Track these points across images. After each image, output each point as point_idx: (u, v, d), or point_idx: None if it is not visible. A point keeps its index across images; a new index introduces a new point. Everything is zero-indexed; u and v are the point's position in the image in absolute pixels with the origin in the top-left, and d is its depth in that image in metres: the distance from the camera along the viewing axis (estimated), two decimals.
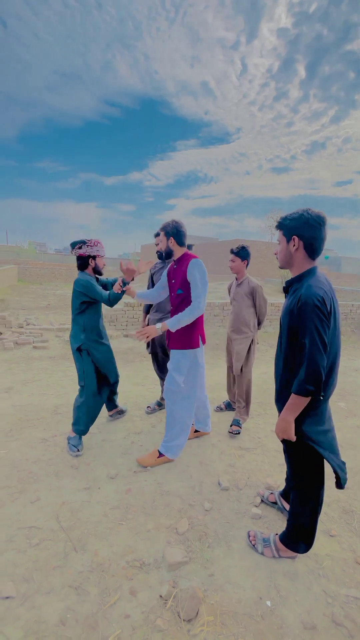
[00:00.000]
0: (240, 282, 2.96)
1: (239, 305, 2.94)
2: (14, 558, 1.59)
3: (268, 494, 2.06)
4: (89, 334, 2.48)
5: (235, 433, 2.84)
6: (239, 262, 2.88)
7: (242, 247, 2.85)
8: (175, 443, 2.36)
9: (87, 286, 2.37)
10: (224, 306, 7.62)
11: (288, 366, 1.49)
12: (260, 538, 1.76)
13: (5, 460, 2.31)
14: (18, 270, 17.40)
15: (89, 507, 1.94)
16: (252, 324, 2.92)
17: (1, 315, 6.07)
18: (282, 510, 1.99)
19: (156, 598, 1.46)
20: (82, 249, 2.45)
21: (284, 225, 1.46)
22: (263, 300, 2.91)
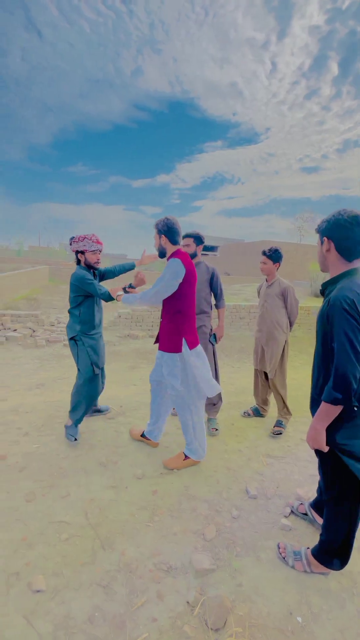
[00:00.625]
0: (270, 283, 2.94)
1: (270, 306, 2.90)
2: (44, 551, 1.63)
3: (298, 505, 1.99)
4: (84, 326, 2.58)
5: (277, 434, 2.86)
6: (270, 265, 2.85)
7: (274, 250, 2.82)
8: (195, 445, 2.33)
9: (82, 280, 2.45)
10: (250, 309, 7.50)
11: (322, 372, 1.44)
12: (291, 551, 1.69)
13: (37, 455, 2.39)
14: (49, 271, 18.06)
15: (116, 506, 1.95)
16: (285, 325, 2.89)
17: (34, 314, 6.30)
18: (312, 522, 1.91)
19: (183, 604, 1.44)
20: (72, 245, 2.55)
21: (319, 227, 1.46)
22: (295, 301, 2.87)
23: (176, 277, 2.06)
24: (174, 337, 2.18)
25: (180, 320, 2.18)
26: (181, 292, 2.12)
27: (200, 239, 2.84)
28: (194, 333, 2.27)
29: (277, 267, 2.87)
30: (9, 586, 1.45)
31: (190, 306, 2.20)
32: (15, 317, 6.26)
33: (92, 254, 2.57)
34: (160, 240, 2.20)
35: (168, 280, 2.06)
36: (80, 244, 2.52)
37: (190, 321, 2.23)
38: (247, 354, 5.67)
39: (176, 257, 2.09)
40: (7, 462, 2.28)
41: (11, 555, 1.60)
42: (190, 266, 2.14)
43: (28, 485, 2.07)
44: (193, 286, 2.19)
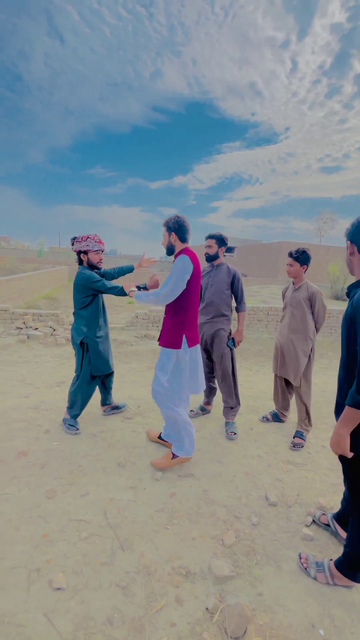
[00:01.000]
0: (298, 287, 2.82)
1: (295, 311, 2.78)
2: (65, 549, 1.65)
3: (320, 515, 1.93)
4: (90, 328, 2.60)
5: (297, 446, 2.71)
6: (297, 267, 2.73)
7: (302, 252, 2.70)
8: (181, 442, 2.31)
9: (88, 279, 2.48)
10: (268, 311, 7.39)
11: (347, 377, 1.40)
12: (313, 561, 1.65)
13: (57, 452, 2.43)
14: (68, 271, 18.42)
15: (134, 507, 1.96)
16: (312, 332, 2.75)
17: (54, 313, 6.44)
18: (335, 534, 1.85)
19: (202, 610, 1.42)
20: (74, 246, 2.56)
21: (346, 231, 1.46)
22: (322, 306, 2.74)
23: (185, 273, 2.07)
24: (175, 332, 2.18)
25: (183, 316, 2.18)
26: (187, 289, 2.12)
27: (223, 240, 2.81)
28: (195, 330, 2.28)
29: (304, 269, 2.74)
30: (30, 582, 1.48)
31: (193, 303, 2.20)
32: (36, 315, 6.41)
33: (95, 254, 2.59)
34: (170, 238, 2.19)
35: (178, 277, 2.06)
36: (83, 244, 2.55)
37: (192, 317, 2.23)
38: (265, 357, 5.59)
39: (184, 254, 2.11)
40: (29, 459, 2.33)
41: (32, 550, 1.63)
42: (197, 263, 2.15)
43: (49, 482, 2.10)
44: (198, 283, 2.19)
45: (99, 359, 2.66)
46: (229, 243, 2.88)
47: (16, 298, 8.69)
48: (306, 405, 2.81)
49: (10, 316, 6.22)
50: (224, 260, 2.89)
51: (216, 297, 2.83)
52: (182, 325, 2.19)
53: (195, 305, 2.23)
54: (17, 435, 2.61)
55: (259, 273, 30.22)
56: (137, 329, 6.74)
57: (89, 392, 2.74)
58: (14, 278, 8.83)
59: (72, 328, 2.66)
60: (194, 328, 2.26)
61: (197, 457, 2.51)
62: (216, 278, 2.84)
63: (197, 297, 2.22)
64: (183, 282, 2.07)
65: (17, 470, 2.19)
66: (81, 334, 2.59)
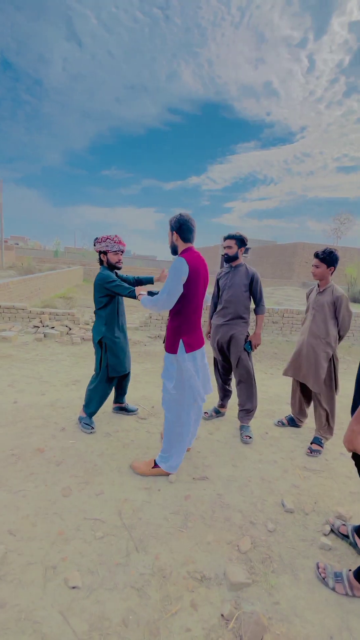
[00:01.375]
0: (322, 289, 2.70)
1: (318, 315, 2.67)
2: (80, 547, 1.66)
3: (339, 525, 1.88)
4: (109, 328, 2.62)
5: (316, 452, 2.63)
6: (323, 269, 2.61)
7: (329, 252, 2.55)
8: (168, 454, 2.20)
9: (105, 280, 2.49)
10: (283, 313, 7.28)
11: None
12: (331, 572, 1.60)
13: (73, 450, 2.45)
14: (83, 271, 18.67)
15: (149, 508, 1.95)
16: (333, 338, 2.63)
17: (70, 312, 6.53)
18: (354, 546, 1.79)
19: (217, 616, 1.40)
20: (95, 246, 2.61)
21: None
22: (347, 312, 2.61)
23: (180, 276, 1.97)
24: (173, 337, 2.11)
25: (180, 320, 2.10)
26: (184, 292, 2.02)
27: (243, 241, 2.77)
28: (195, 335, 2.16)
29: (331, 271, 2.60)
30: (47, 579, 1.49)
31: (191, 307, 2.09)
32: (53, 314, 6.51)
33: (114, 255, 2.62)
34: (172, 237, 2.11)
35: (173, 281, 1.98)
36: (103, 245, 2.58)
37: (190, 322, 2.12)
38: (281, 361, 5.50)
39: (181, 256, 2.02)
40: (45, 456, 2.36)
41: (49, 547, 1.64)
42: (196, 265, 2.03)
43: (64, 480, 2.12)
44: (198, 286, 2.07)
45: (115, 359, 2.68)
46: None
47: (33, 297, 8.86)
48: (328, 412, 2.71)
49: (28, 315, 6.35)
50: (243, 261, 2.86)
51: (234, 298, 2.79)
52: (179, 330, 2.10)
53: (195, 309, 2.12)
54: (33, 432, 2.65)
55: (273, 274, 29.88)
56: (150, 329, 6.76)
57: (106, 392, 2.75)
58: (32, 278, 9.01)
59: (93, 327, 2.71)
60: (193, 333, 2.14)
61: (212, 460, 2.49)
62: (234, 279, 2.81)
63: (196, 301, 2.10)
64: (179, 286, 1.99)
65: (34, 467, 2.22)
66: (100, 334, 2.62)
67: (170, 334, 2.13)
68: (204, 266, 2.13)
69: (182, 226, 2.06)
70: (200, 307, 2.16)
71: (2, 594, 1.41)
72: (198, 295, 2.10)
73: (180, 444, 2.20)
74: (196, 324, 2.17)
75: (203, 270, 2.11)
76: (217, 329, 2.89)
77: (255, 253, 33.94)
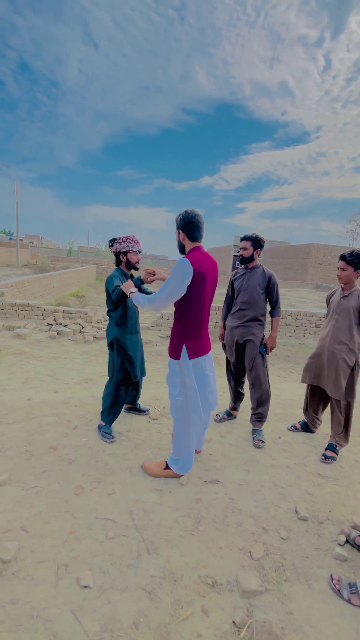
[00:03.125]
0: (348, 293, 2.57)
1: (342, 320, 2.56)
2: (92, 547, 1.66)
3: (355, 536, 1.83)
4: (121, 329, 2.59)
5: (330, 459, 2.58)
6: (350, 272, 2.47)
7: (358, 255, 2.42)
8: (179, 457, 2.18)
9: (109, 280, 2.48)
10: (297, 315, 7.18)
11: None
12: (346, 583, 1.56)
13: (85, 449, 2.46)
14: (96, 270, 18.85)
15: (160, 510, 1.94)
16: (357, 345, 2.53)
17: (83, 311, 6.59)
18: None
19: (229, 623, 1.38)
20: (114, 246, 2.58)
21: None
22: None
23: (183, 279, 1.87)
24: (175, 341, 2.04)
25: (183, 324, 2.02)
26: (187, 295, 1.94)
27: (259, 242, 2.72)
28: (200, 341, 2.06)
29: (358, 275, 2.47)
30: (59, 578, 1.50)
31: (196, 311, 1.99)
32: (66, 313, 6.58)
33: (134, 255, 2.62)
34: (179, 236, 2.01)
35: (174, 282, 1.88)
36: (124, 245, 2.56)
37: (194, 327, 2.02)
38: (294, 364, 5.42)
39: (185, 257, 1.92)
40: (58, 453, 2.38)
41: (61, 545, 1.65)
42: (202, 266, 1.92)
43: (77, 478, 2.13)
44: (203, 290, 1.96)
45: (128, 362, 2.63)
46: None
47: (47, 295, 8.99)
48: (346, 419, 2.63)
49: (42, 312, 6.44)
50: (260, 263, 2.82)
51: (250, 300, 2.75)
52: (182, 334, 2.02)
53: (199, 313, 2.02)
54: (47, 430, 2.68)
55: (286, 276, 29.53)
56: (162, 329, 6.76)
57: (121, 397, 2.66)
58: (46, 276, 9.14)
59: (106, 329, 2.70)
60: (197, 338, 2.05)
61: (223, 464, 2.46)
62: (250, 281, 2.77)
63: (201, 305, 2.00)
64: (181, 288, 1.89)
65: (47, 464, 2.24)
66: (112, 335, 2.61)
67: (173, 337, 2.06)
68: (212, 267, 2.02)
69: (188, 223, 1.95)
70: (206, 311, 2.06)
71: (15, 590, 1.42)
72: (203, 299, 1.99)
73: (187, 446, 2.17)
74: (201, 329, 2.07)
75: (211, 272, 2.00)
76: (232, 330, 2.86)
77: (268, 254, 33.61)
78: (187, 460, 2.20)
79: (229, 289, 3.00)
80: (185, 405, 2.10)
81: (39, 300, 7.42)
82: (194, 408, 2.07)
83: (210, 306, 2.11)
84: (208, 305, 2.07)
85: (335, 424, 2.69)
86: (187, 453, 2.19)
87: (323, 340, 2.69)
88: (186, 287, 1.91)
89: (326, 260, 26.97)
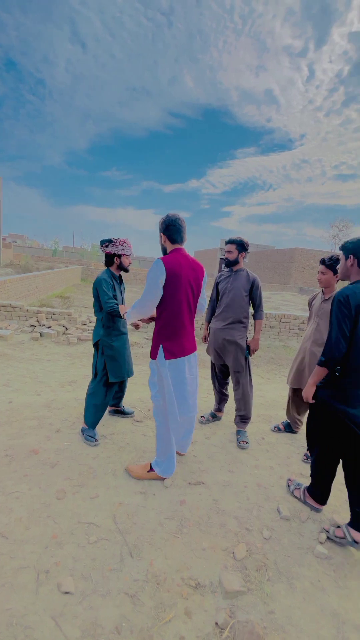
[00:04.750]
0: (328, 297, 2.63)
1: (323, 323, 2.61)
2: (73, 552, 1.63)
3: (334, 530, 1.87)
4: (107, 330, 2.57)
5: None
6: (330, 276, 2.53)
7: (336, 259, 2.47)
8: (163, 459, 2.19)
9: (99, 284, 2.47)
10: (281, 318, 7.31)
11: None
12: (297, 482, 2.24)
13: (68, 452, 2.42)
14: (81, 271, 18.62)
15: (144, 513, 1.93)
16: None
17: (67, 312, 6.49)
18: (352, 544, 1.78)
19: (212, 625, 1.39)
20: (109, 248, 2.57)
21: (344, 247, 1.88)
22: None
23: (156, 279, 1.90)
24: (154, 342, 2.07)
25: (160, 324, 2.04)
26: (162, 295, 1.96)
27: (243, 246, 2.76)
28: (179, 342, 2.05)
29: (337, 278, 2.50)
30: (39, 584, 1.46)
31: (172, 311, 2.00)
32: (50, 314, 6.47)
33: (127, 258, 2.63)
34: (161, 239, 2.06)
35: (149, 283, 1.93)
36: (120, 248, 2.55)
37: (171, 328, 2.02)
38: (277, 365, 5.51)
39: (160, 258, 1.94)
40: (40, 457, 2.33)
41: (42, 552, 1.62)
42: (177, 267, 1.93)
43: (59, 482, 2.09)
44: (178, 290, 1.96)
45: (114, 362, 2.61)
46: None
47: (30, 296, 8.81)
48: None
49: (25, 313, 6.31)
50: (244, 266, 2.86)
51: (234, 303, 2.79)
52: (159, 334, 2.04)
53: (177, 314, 2.01)
54: (28, 433, 2.62)
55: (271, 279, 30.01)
56: (147, 330, 6.74)
57: (104, 399, 2.62)
58: (29, 276, 8.97)
59: (93, 330, 2.69)
60: (175, 339, 2.04)
61: (208, 465, 2.47)
62: (235, 284, 2.81)
63: (178, 306, 2.00)
64: (156, 288, 1.92)
65: (28, 468, 2.19)
66: (97, 336, 2.58)
67: (153, 338, 2.09)
68: (190, 269, 2.02)
69: (169, 226, 1.99)
70: (184, 312, 2.04)
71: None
72: (179, 299, 1.98)
73: (168, 448, 2.17)
74: (179, 331, 2.05)
75: (188, 272, 2.00)
76: (216, 332, 2.88)
77: (253, 257, 34.08)
78: (170, 462, 2.19)
79: (214, 291, 3.03)
80: (164, 407, 2.10)
81: (22, 301, 7.26)
82: (170, 409, 2.07)
83: (192, 308, 2.11)
84: (187, 306, 2.05)
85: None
86: (170, 455, 2.19)
87: (305, 343, 2.76)
88: (161, 288, 1.93)
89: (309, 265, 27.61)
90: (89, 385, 2.67)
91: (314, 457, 2.03)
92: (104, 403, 2.63)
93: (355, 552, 1.82)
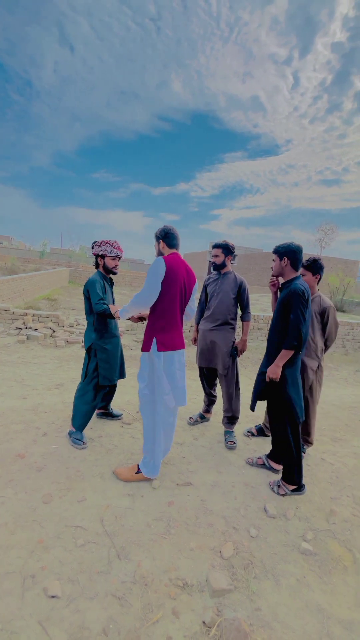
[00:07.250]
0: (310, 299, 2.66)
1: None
2: (60, 556, 1.62)
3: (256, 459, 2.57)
4: (99, 334, 2.56)
5: None
6: (309, 277, 2.56)
7: (314, 260, 2.53)
8: (149, 459, 2.19)
9: (90, 285, 2.48)
10: (268, 320, 7.40)
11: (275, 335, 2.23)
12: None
13: (55, 455, 2.40)
14: (69, 273, 18.42)
15: (132, 515, 1.93)
16: (320, 349, 2.61)
17: (55, 314, 6.42)
18: (270, 468, 2.50)
19: (199, 623, 1.40)
20: (94, 249, 2.58)
21: (277, 250, 2.24)
22: (335, 323, 2.60)
23: (157, 274, 2.03)
24: (147, 335, 2.14)
25: (154, 318, 2.12)
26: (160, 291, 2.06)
27: (229, 249, 2.81)
28: (170, 336, 2.13)
29: (317, 279, 2.56)
30: (25, 589, 1.45)
31: (167, 306, 2.10)
32: (37, 316, 6.39)
33: (112, 260, 2.61)
34: (159, 246, 2.22)
35: (149, 279, 2.04)
36: (102, 248, 2.56)
37: (164, 321, 2.11)
38: None
39: (160, 257, 2.08)
40: (26, 461, 2.30)
41: (28, 556, 1.60)
42: (175, 266, 2.07)
43: (46, 486, 2.07)
44: (174, 287, 2.08)
45: (106, 365, 2.59)
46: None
47: (16, 298, 8.67)
48: (308, 421, 2.70)
49: (11, 316, 6.20)
50: (232, 269, 2.90)
51: (222, 305, 2.82)
52: (153, 327, 2.12)
53: (170, 308, 2.11)
54: (14, 437, 2.58)
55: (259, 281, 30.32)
56: (136, 333, 6.73)
57: (93, 402, 2.60)
58: (15, 278, 8.83)
59: (84, 333, 2.65)
60: (167, 333, 2.12)
61: (196, 466, 2.49)
62: (222, 286, 2.85)
63: (173, 301, 2.10)
64: (157, 284, 2.03)
65: (14, 473, 2.16)
66: (89, 340, 2.56)
67: (146, 332, 2.17)
68: (185, 271, 2.16)
69: (167, 234, 2.20)
70: (177, 309, 2.15)
71: None
72: (174, 294, 2.10)
73: (156, 446, 2.17)
74: (171, 325, 2.14)
75: (183, 273, 2.13)
76: (205, 334, 2.91)
77: (242, 260, 34.40)
78: (154, 461, 2.19)
79: (203, 293, 3.06)
80: (150, 400, 2.14)
81: (8, 304, 7.14)
82: (158, 399, 2.11)
83: (183, 306, 2.21)
84: (180, 303, 2.16)
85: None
86: (154, 454, 2.18)
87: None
88: (160, 283, 2.04)
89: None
90: (78, 387, 2.64)
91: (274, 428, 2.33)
92: (93, 405, 2.61)
93: (338, 547, 1.87)
